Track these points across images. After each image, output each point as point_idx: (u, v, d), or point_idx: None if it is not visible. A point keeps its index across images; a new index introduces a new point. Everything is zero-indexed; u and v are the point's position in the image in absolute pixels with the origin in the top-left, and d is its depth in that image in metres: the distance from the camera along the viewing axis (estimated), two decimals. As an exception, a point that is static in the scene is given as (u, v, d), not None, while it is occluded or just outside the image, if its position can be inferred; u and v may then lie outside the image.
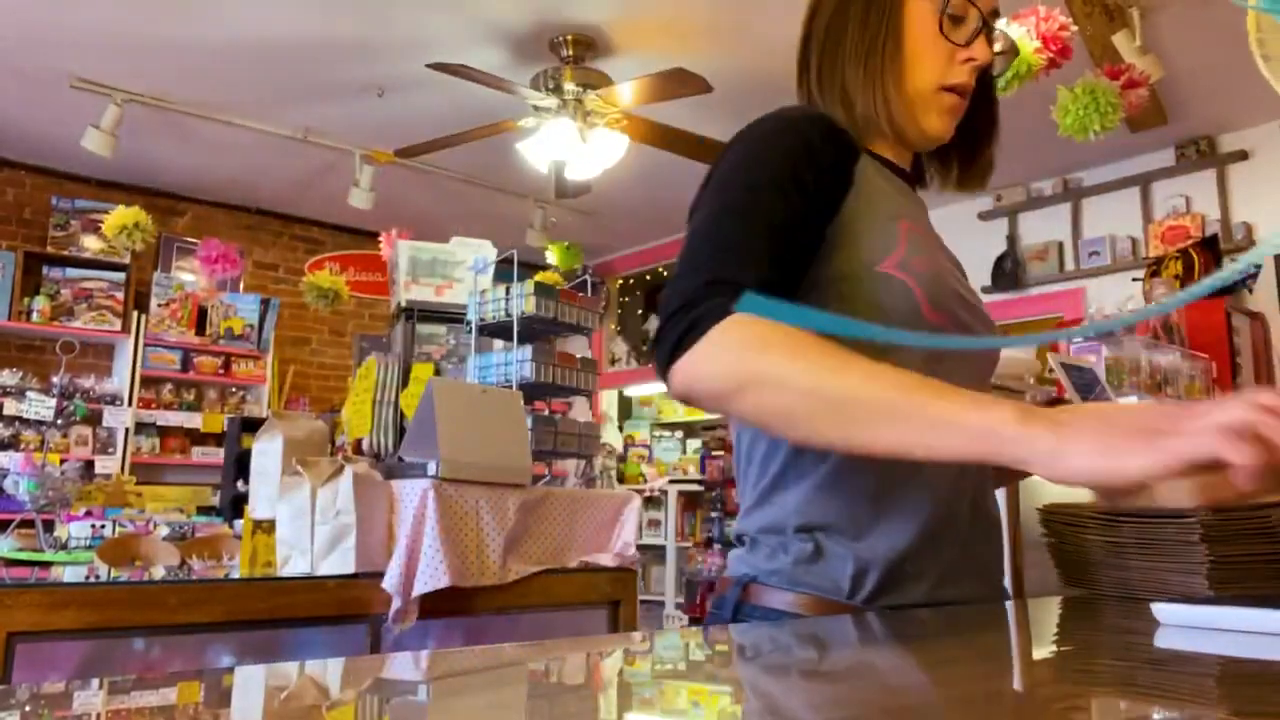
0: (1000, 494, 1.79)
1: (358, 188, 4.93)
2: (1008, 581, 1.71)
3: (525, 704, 0.46)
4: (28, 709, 0.41)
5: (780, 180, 0.85)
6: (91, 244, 5.48)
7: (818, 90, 0.99)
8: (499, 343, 2.72)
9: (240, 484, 3.12)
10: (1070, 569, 1.01)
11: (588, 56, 4.00)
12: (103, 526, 2.58)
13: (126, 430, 5.31)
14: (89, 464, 5.06)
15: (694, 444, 6.56)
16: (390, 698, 0.48)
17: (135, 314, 5.46)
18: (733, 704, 0.47)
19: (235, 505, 3.07)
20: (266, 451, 2.14)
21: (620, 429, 6.91)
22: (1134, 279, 4.54)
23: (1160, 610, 0.71)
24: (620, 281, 7.12)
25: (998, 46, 0.99)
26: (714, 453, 5.62)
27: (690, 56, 3.83)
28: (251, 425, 3.33)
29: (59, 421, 4.95)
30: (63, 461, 3.09)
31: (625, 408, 7.23)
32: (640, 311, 7.16)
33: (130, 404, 5.35)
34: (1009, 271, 5.43)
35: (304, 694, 0.48)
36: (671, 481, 6.09)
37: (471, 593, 1.97)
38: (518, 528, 2.09)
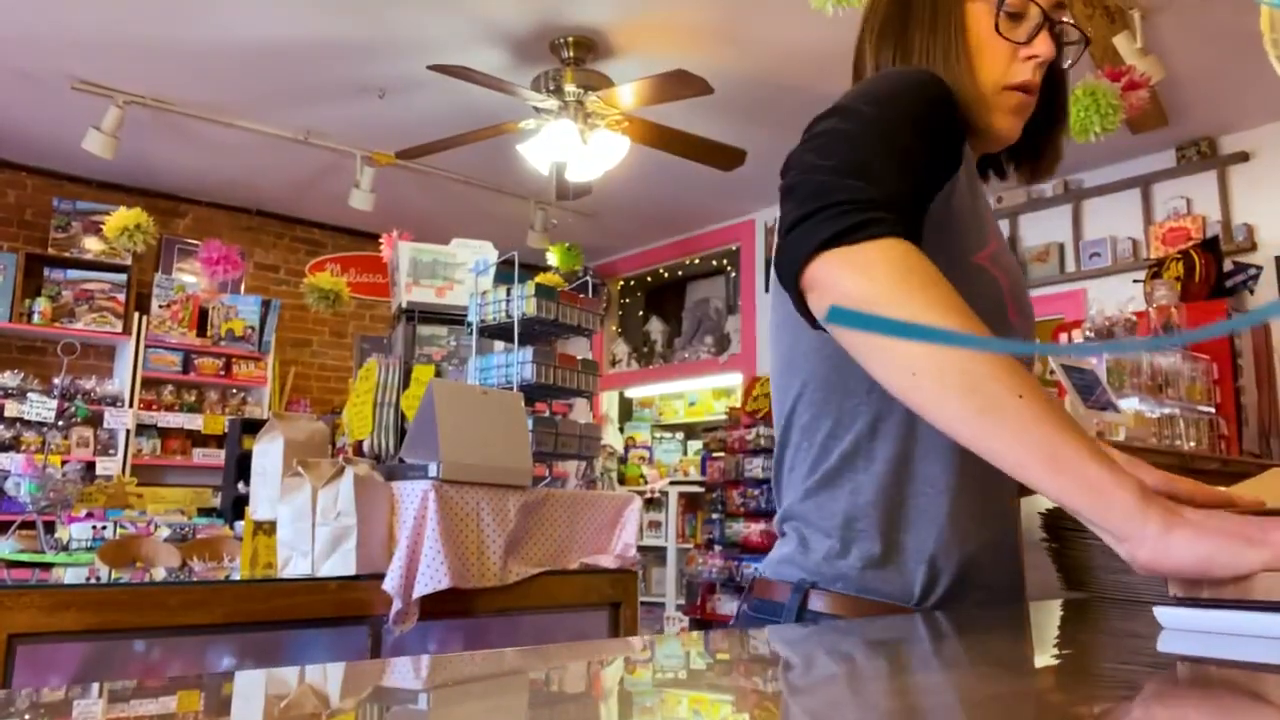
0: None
1: (358, 189, 4.94)
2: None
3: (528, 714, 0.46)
4: (27, 718, 0.41)
5: (935, 130, 0.83)
6: (93, 245, 5.48)
7: None
8: (500, 344, 2.72)
9: (241, 485, 3.12)
10: (1071, 572, 1.01)
11: (588, 58, 4.00)
12: (104, 528, 2.58)
13: (127, 432, 5.31)
14: (90, 465, 5.06)
15: (695, 445, 6.56)
16: (390, 706, 0.48)
17: (136, 315, 5.46)
18: None
19: (236, 507, 3.07)
20: (267, 453, 2.14)
21: (621, 430, 6.92)
22: (1135, 280, 4.53)
23: (1162, 614, 0.70)
24: (621, 283, 7.12)
25: (1067, 39, 0.97)
26: (714, 454, 5.61)
27: (691, 58, 3.83)
28: (252, 427, 3.33)
29: (60, 423, 4.95)
30: (64, 463, 3.09)
31: (626, 409, 7.23)
32: (641, 313, 7.16)
33: (131, 405, 5.35)
34: (1010, 273, 5.43)
35: (304, 702, 0.48)
36: (672, 483, 6.08)
37: (472, 594, 1.97)
38: (518, 529, 2.09)
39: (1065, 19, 0.95)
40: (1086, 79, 3.22)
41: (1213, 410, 3.12)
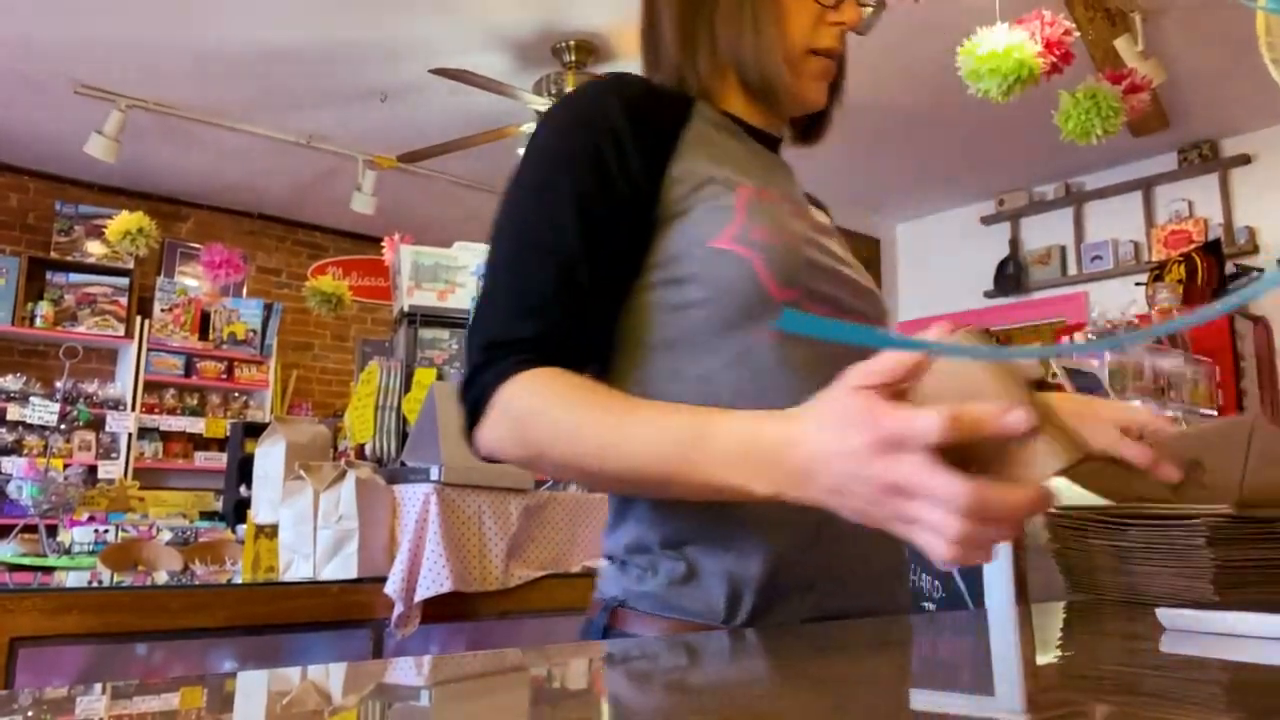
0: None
1: (360, 193, 4.94)
2: (1011, 587, 1.71)
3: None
4: (30, 714, 0.41)
5: (580, 187, 0.78)
6: (95, 249, 5.49)
7: (674, 41, 0.92)
8: (501, 347, 2.71)
9: (243, 489, 3.12)
10: (1075, 574, 1.00)
11: (590, 62, 4.01)
12: (106, 531, 2.58)
13: (129, 435, 5.32)
14: (92, 469, 5.07)
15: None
16: (392, 703, 0.48)
17: (138, 319, 5.47)
18: None
19: (238, 510, 3.07)
20: (269, 456, 2.14)
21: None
22: (1137, 283, 4.53)
23: (1165, 615, 0.70)
24: (623, 286, 7.13)
25: (863, 2, 0.94)
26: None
27: (692, 61, 3.83)
28: (254, 430, 3.33)
29: (62, 427, 4.96)
30: (66, 467, 3.10)
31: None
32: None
33: (133, 409, 5.36)
34: (1011, 275, 5.44)
35: (305, 699, 0.48)
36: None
37: (474, 598, 1.97)
38: (520, 533, 2.09)
39: None
40: (1087, 82, 3.22)
41: (1215, 413, 3.12)
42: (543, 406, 0.72)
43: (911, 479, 0.52)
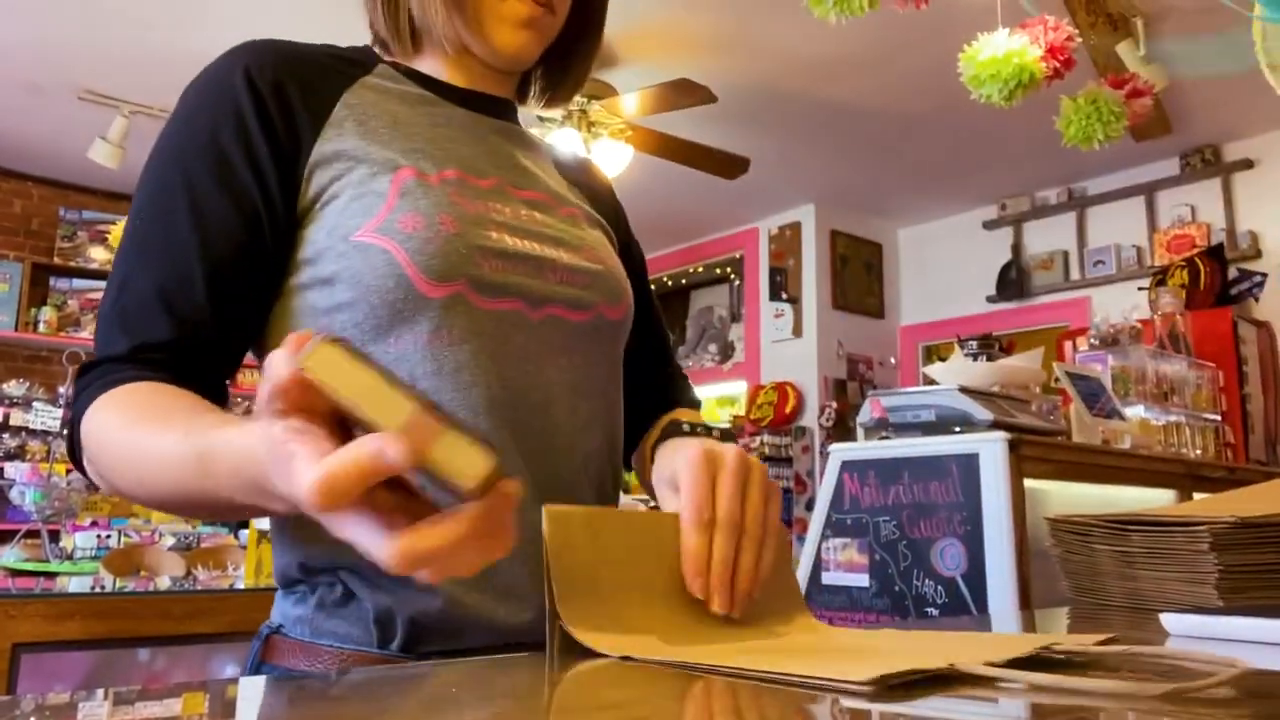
0: (1006, 503, 1.78)
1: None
2: (1015, 593, 1.71)
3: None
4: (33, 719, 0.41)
5: (195, 183, 0.69)
6: (98, 255, 5.50)
7: None
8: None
9: (245, 494, 3.12)
10: (1078, 579, 1.00)
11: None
12: (108, 537, 2.58)
13: (132, 440, 5.32)
14: (95, 474, 5.07)
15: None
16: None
17: (141, 324, 5.48)
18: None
19: (240, 515, 3.06)
20: (272, 462, 2.13)
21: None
22: (1140, 288, 4.53)
23: (1170, 621, 0.70)
24: (625, 291, 7.12)
25: None
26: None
27: (694, 67, 3.84)
28: (257, 435, 3.33)
29: (65, 432, 4.96)
30: (68, 472, 3.09)
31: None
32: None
33: (136, 414, 5.37)
34: (1014, 280, 5.43)
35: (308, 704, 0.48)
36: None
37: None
38: (522, 538, 2.08)
39: None
40: (1088, 87, 3.22)
41: (1218, 418, 3.11)
42: (105, 429, 0.64)
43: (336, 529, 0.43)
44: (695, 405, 0.95)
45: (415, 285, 0.67)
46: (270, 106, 0.71)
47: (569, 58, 0.88)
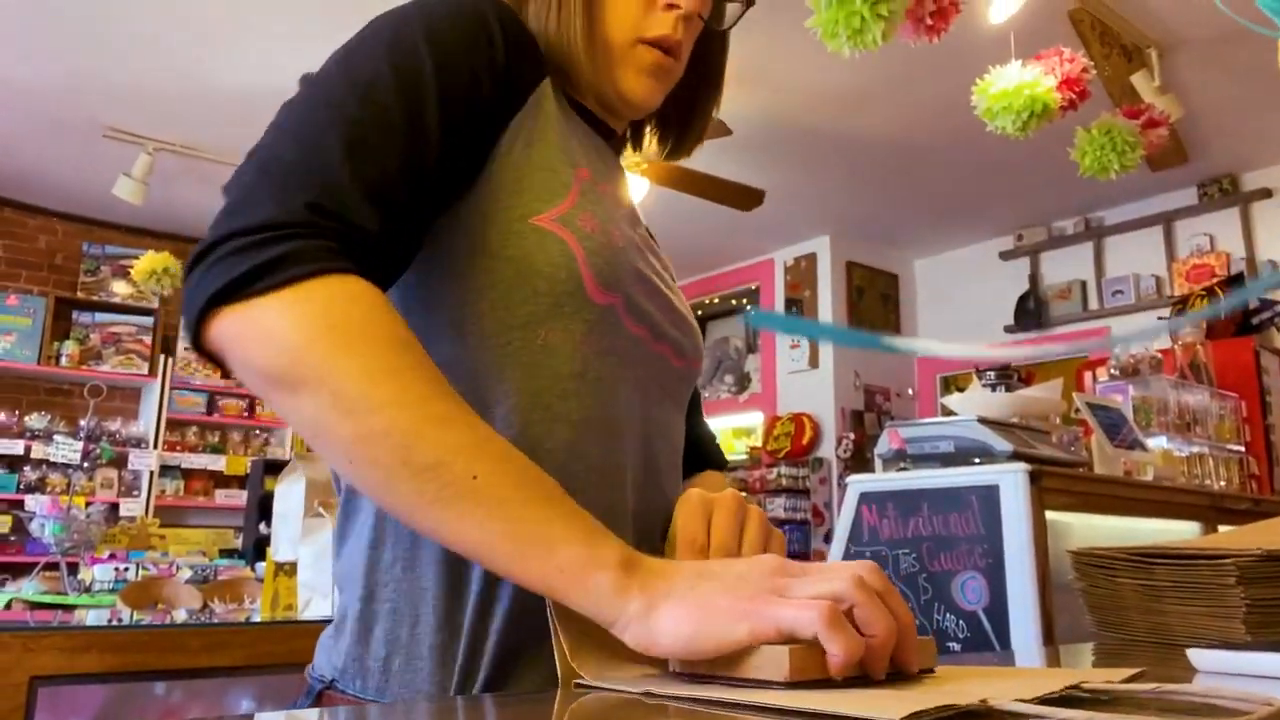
0: (1027, 535, 1.76)
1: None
2: (1039, 628, 1.68)
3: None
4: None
5: (444, 83, 0.62)
6: (121, 289, 5.57)
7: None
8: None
9: (263, 526, 3.13)
10: (1103, 613, 0.99)
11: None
12: (126, 569, 2.58)
13: (151, 473, 5.35)
14: (114, 507, 5.10)
15: (716, 486, 6.52)
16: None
17: (162, 357, 5.53)
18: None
19: (258, 548, 3.07)
20: (289, 494, 2.14)
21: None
22: (1159, 318, 4.50)
23: (1197, 657, 0.69)
24: (641, 323, 7.13)
25: None
26: (736, 494, 5.58)
27: (709, 101, 3.87)
28: (275, 467, 3.35)
29: (85, 465, 5.00)
30: (88, 504, 3.12)
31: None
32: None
33: (155, 447, 5.40)
34: (1032, 310, 5.41)
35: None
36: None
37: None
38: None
39: None
40: (1102, 118, 3.23)
41: (1242, 449, 3.08)
42: (367, 333, 0.54)
43: None
44: (721, 466, 0.93)
45: (585, 285, 0.65)
46: (510, 57, 0.67)
47: (691, 110, 0.87)
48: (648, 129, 0.89)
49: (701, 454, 0.93)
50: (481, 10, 0.66)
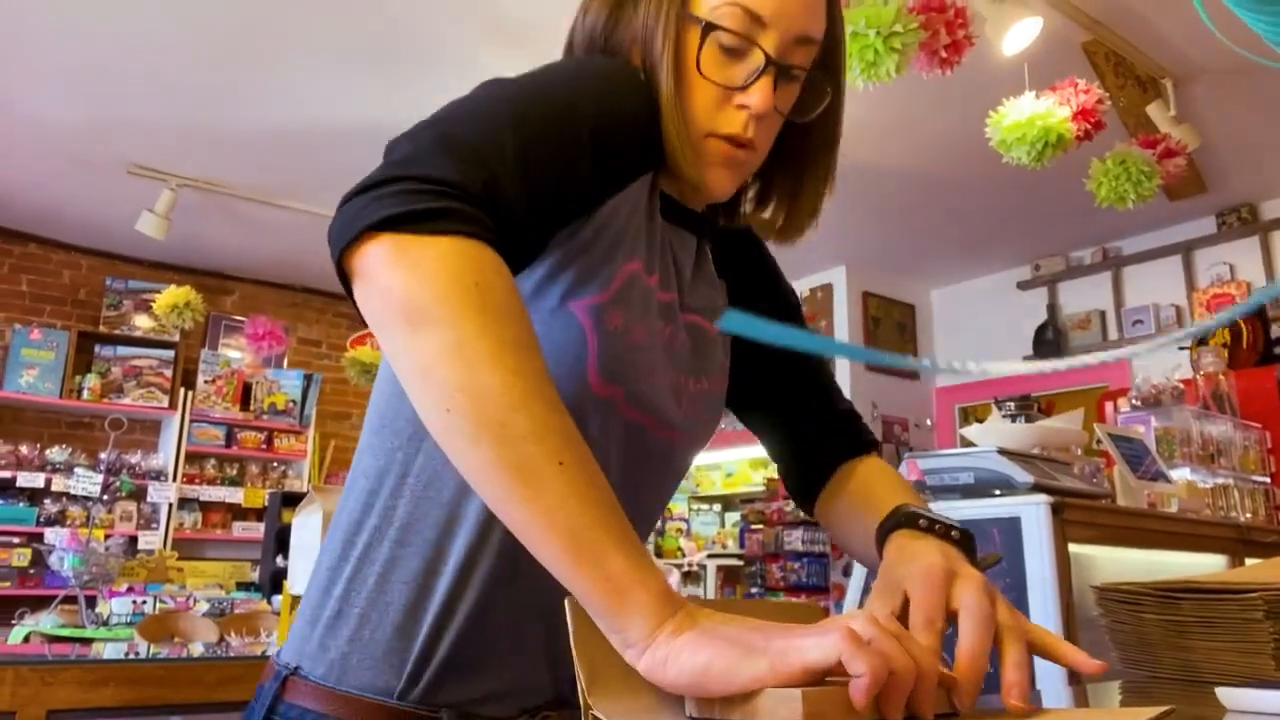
0: (1050, 568, 1.74)
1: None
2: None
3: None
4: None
5: (599, 131, 0.67)
6: (143, 323, 5.63)
7: None
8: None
9: (280, 559, 3.12)
10: (1129, 650, 0.97)
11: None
12: (144, 602, 2.58)
13: (170, 505, 5.37)
14: (132, 540, 5.11)
15: (732, 517, 6.48)
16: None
17: (182, 390, 5.57)
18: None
19: (275, 581, 3.07)
20: (306, 526, 2.14)
21: (658, 503, 6.86)
22: (1181, 347, 4.46)
23: (1227, 696, 0.67)
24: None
25: (810, 88, 0.79)
26: (753, 526, 5.54)
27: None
28: (292, 500, 3.35)
29: (105, 497, 5.02)
30: (107, 537, 3.12)
31: (663, 481, 7.18)
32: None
33: (174, 479, 5.42)
34: (1050, 341, 5.38)
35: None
36: (710, 556, 6.00)
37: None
38: (555, 604, 2.06)
39: (801, 66, 0.76)
40: (1117, 148, 3.23)
41: (1268, 480, 3.03)
42: (510, 307, 0.57)
43: None
44: (873, 446, 0.94)
45: (588, 376, 0.69)
46: (640, 149, 0.72)
47: (799, 185, 0.86)
48: (750, 204, 0.89)
49: (852, 440, 0.92)
50: (645, 92, 0.72)
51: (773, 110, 0.75)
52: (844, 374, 5.58)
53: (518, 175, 0.62)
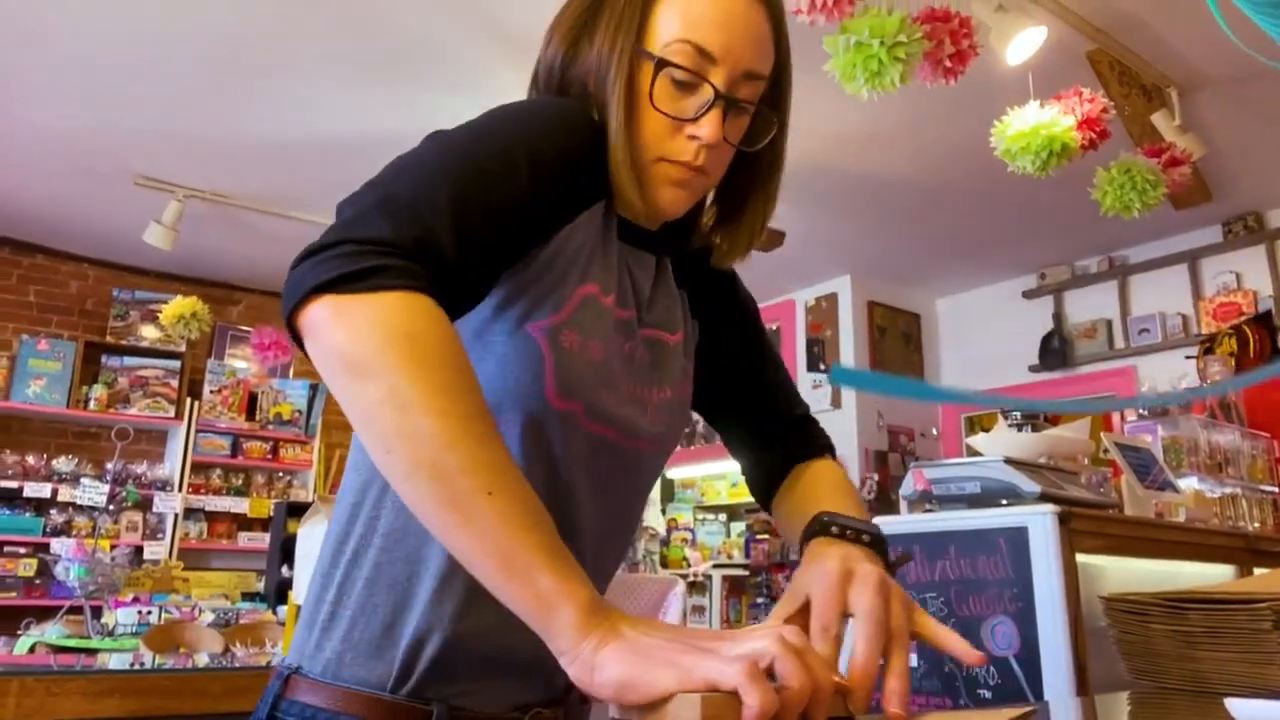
0: (1058, 579, 1.73)
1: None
2: (1072, 675, 1.64)
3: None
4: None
5: (537, 176, 0.72)
6: (149, 333, 5.64)
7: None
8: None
9: (285, 569, 3.12)
10: (1137, 661, 0.96)
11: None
12: (149, 613, 2.58)
13: (176, 516, 5.38)
14: (138, 550, 5.12)
15: (738, 527, 6.47)
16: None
17: (188, 401, 5.58)
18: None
19: (281, 591, 3.07)
20: (311, 536, 2.14)
21: (663, 512, 6.85)
22: (1187, 356, 4.45)
23: (1236, 707, 0.67)
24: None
25: (759, 119, 0.85)
26: (759, 536, 5.53)
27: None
28: (297, 510, 3.35)
29: (111, 508, 5.03)
30: (113, 547, 3.13)
31: (668, 490, 7.17)
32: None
33: (180, 490, 5.43)
34: (1056, 350, 5.36)
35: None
36: (715, 566, 5.98)
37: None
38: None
39: (749, 99, 0.82)
40: (1122, 157, 3.23)
41: (1276, 489, 3.01)
42: (437, 353, 0.61)
43: None
44: (827, 449, 0.98)
45: (545, 393, 0.74)
46: (588, 174, 0.77)
47: (739, 214, 0.90)
48: (708, 236, 0.93)
49: (798, 447, 0.97)
50: (587, 128, 0.77)
51: (722, 140, 0.79)
52: (849, 383, 5.57)
53: (452, 225, 0.66)
